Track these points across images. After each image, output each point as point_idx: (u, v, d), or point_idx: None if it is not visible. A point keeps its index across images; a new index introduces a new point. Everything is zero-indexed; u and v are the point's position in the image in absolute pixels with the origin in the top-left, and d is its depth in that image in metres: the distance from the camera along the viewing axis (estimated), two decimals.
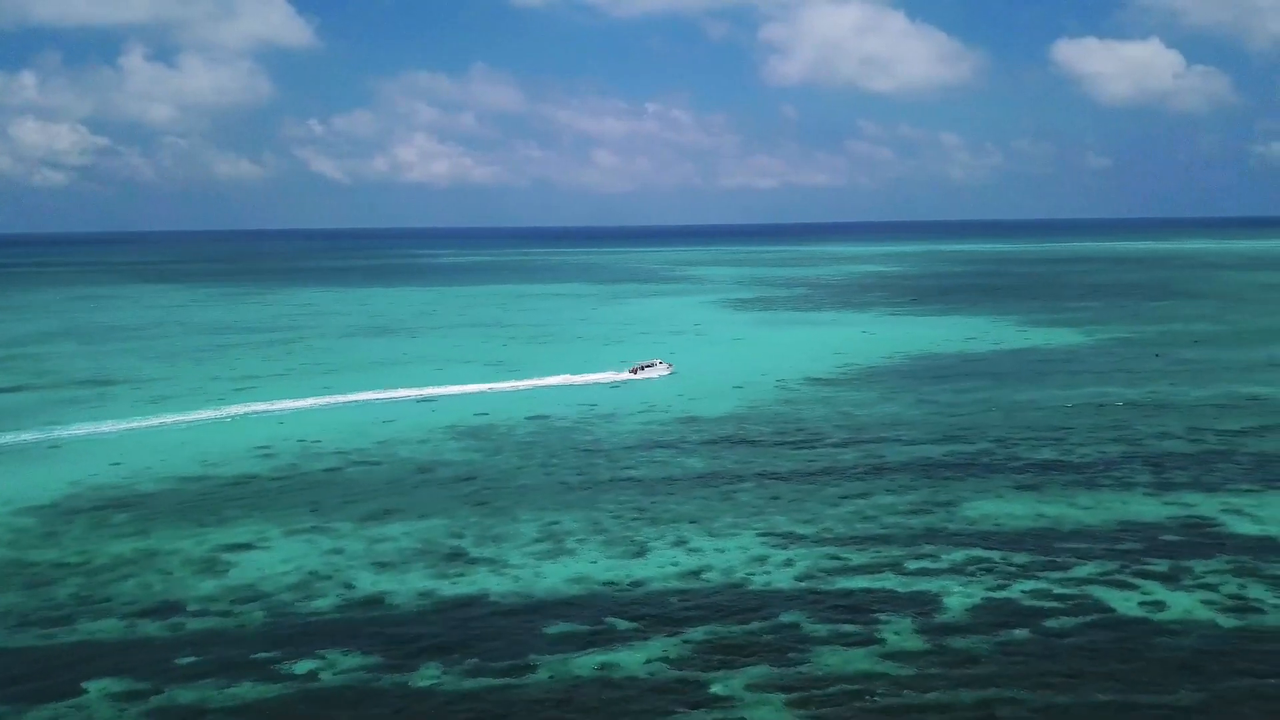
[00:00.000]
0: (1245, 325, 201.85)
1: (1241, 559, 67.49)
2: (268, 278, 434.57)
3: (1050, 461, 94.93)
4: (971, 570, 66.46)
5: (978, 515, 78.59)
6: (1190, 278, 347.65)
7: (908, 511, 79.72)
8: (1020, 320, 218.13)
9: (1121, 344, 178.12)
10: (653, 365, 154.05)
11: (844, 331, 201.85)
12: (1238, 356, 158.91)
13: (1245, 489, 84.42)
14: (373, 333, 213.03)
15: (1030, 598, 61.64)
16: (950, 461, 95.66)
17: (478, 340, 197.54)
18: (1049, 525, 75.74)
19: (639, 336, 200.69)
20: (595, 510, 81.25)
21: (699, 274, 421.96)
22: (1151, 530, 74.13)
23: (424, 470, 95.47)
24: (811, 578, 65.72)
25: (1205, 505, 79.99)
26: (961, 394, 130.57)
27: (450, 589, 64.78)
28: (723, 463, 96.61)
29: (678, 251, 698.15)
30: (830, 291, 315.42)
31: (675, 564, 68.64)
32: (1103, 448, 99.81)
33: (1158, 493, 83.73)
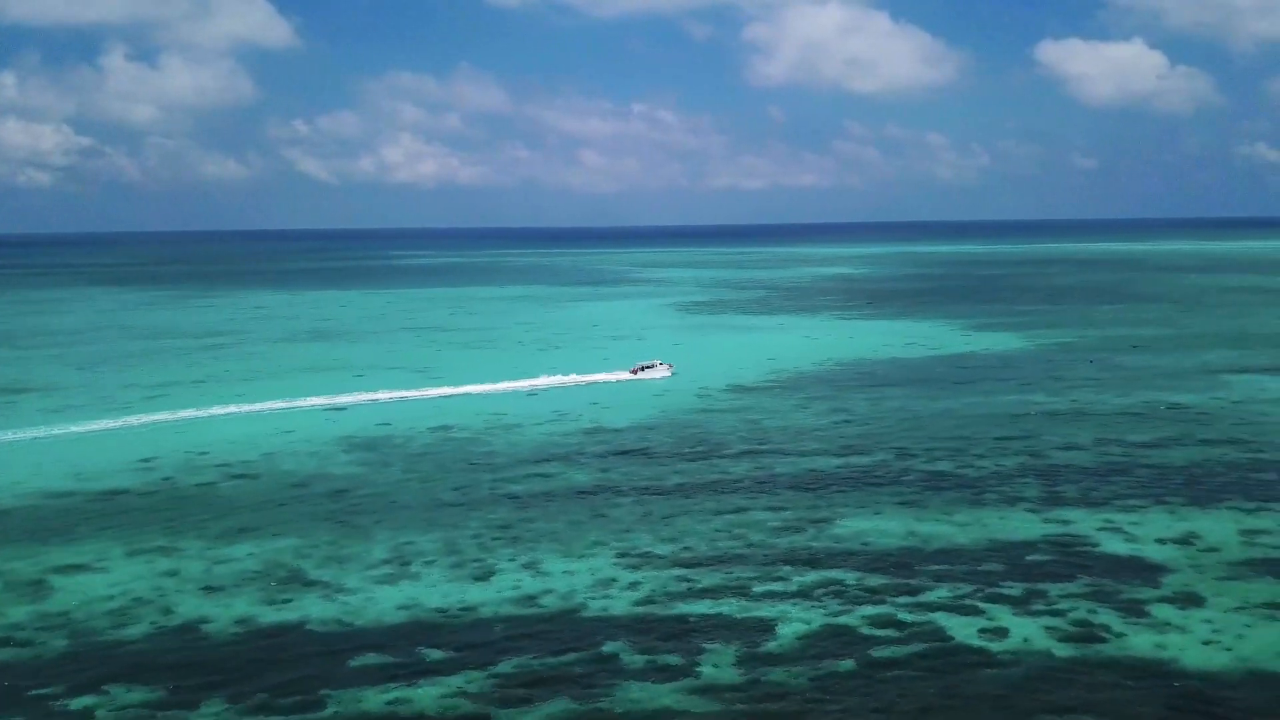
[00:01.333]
0: (1191, 330, 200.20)
1: (1101, 582, 65.14)
2: (230, 280, 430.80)
3: (942, 475, 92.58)
4: (819, 594, 63.98)
5: (848, 533, 76.15)
6: (1153, 280, 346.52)
7: (778, 529, 77.25)
8: (967, 325, 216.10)
9: (1061, 349, 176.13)
10: (653, 366, 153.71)
11: (785, 337, 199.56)
12: (1172, 363, 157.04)
13: (1131, 505, 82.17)
14: (312, 337, 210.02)
15: (869, 625, 59.16)
16: (841, 474, 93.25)
17: (414, 345, 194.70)
18: (917, 544, 73.32)
19: (579, 341, 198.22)
20: (458, 529, 78.60)
21: (665, 276, 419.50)
22: (1020, 550, 71.77)
23: (300, 485, 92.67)
24: (651, 602, 63.17)
25: (1085, 523, 77.68)
26: (879, 402, 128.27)
27: (271, 616, 62.04)
28: (610, 476, 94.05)
29: (654, 253, 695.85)
30: (789, 295, 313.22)
31: (516, 588, 66.01)
32: (1001, 460, 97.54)
33: (1040, 509, 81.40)
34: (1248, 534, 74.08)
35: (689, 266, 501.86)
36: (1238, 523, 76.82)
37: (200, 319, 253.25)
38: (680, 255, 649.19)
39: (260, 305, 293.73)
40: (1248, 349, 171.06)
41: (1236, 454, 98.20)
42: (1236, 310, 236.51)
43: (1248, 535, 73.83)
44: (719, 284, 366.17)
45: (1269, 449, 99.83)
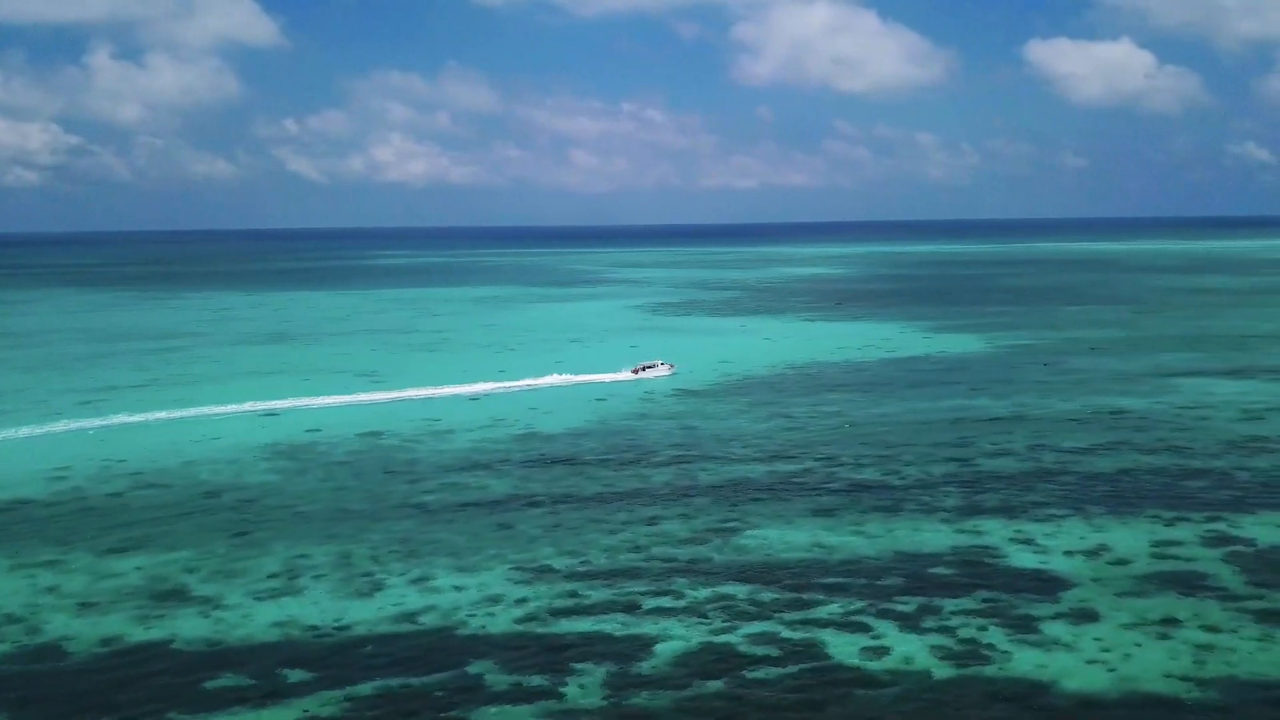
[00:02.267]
0: (1152, 332, 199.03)
1: (999, 597, 63.54)
2: (203, 280, 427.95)
3: (865, 483, 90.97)
4: (708, 610, 62.27)
5: (754, 544, 74.49)
6: (1128, 281, 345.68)
7: (683, 540, 75.56)
8: (930, 326, 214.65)
9: (1019, 352, 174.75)
10: (654, 366, 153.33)
11: (742, 339, 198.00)
12: (1125, 366, 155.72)
13: (1050, 514, 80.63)
14: (268, 340, 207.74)
15: (749, 643, 57.46)
16: (763, 482, 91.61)
17: (368, 348, 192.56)
18: (820, 557, 71.67)
19: (535, 344, 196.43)
20: (358, 541, 76.75)
21: (641, 276, 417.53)
22: (924, 563, 70.14)
23: (211, 495, 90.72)
24: (533, 620, 61.40)
25: (997, 533, 76.12)
26: (820, 406, 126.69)
27: (139, 635, 60.16)
28: (529, 485, 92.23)
29: (638, 252, 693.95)
30: (759, 296, 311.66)
31: (398, 605, 64.20)
32: (928, 467, 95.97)
33: (955, 519, 79.81)
34: (1159, 546, 72.57)
35: (667, 266, 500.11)
36: (1152, 534, 75.30)
37: (161, 321, 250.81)
38: (662, 255, 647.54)
39: (226, 307, 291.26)
40: (1204, 351, 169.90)
41: (1167, 461, 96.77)
42: (1202, 311, 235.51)
43: (1159, 547, 72.31)
44: (693, 284, 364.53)
45: (1200, 456, 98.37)
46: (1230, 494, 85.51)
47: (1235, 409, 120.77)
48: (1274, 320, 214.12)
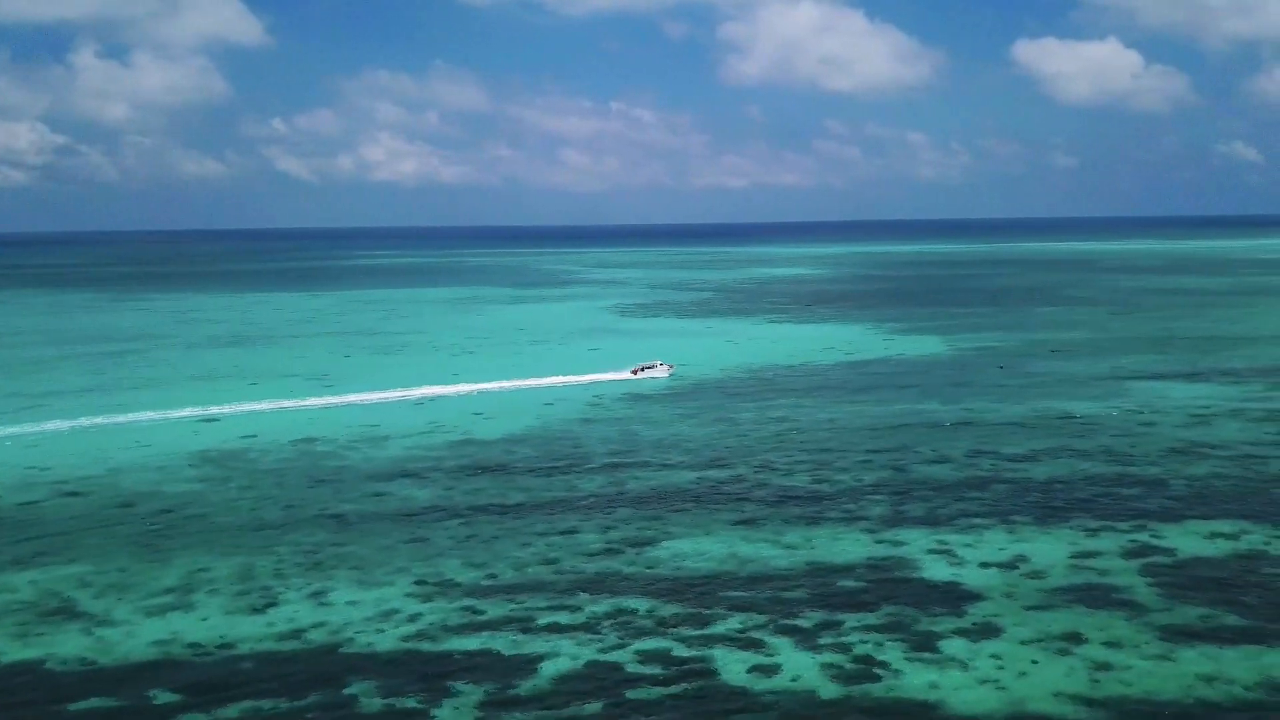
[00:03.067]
0: (1117, 333, 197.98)
1: (903, 611, 62.06)
2: (178, 281, 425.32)
3: (793, 491, 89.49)
4: (604, 626, 60.71)
5: (666, 556, 72.97)
6: (1103, 281, 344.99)
7: (596, 552, 74.01)
8: (896, 328, 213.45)
9: (978, 354, 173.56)
10: (654, 366, 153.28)
11: (706, 341, 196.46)
12: (1082, 369, 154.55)
13: (975, 524, 79.24)
14: (227, 343, 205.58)
15: (639, 661, 55.93)
16: (692, 490, 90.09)
17: (326, 351, 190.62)
18: (731, 568, 70.15)
19: (497, 347, 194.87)
20: (265, 553, 75.06)
21: (620, 276, 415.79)
22: (836, 575, 68.67)
23: (127, 505, 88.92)
24: (423, 637, 59.77)
25: (917, 543, 74.69)
26: (766, 411, 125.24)
27: (15, 654, 58.40)
28: (452, 494, 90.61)
29: (623, 252, 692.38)
30: (733, 297, 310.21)
31: (290, 621, 62.52)
32: (861, 474, 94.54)
33: (878, 528, 78.34)
34: (1078, 557, 71.19)
35: (648, 267, 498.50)
36: (1074, 545, 73.91)
37: (123, 323, 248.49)
38: (646, 255, 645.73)
39: (193, 309, 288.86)
40: (1165, 354, 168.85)
41: (1104, 468, 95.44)
42: (1172, 313, 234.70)
43: (1078, 559, 70.93)
44: (669, 285, 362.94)
45: (1138, 463, 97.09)
46: (1160, 503, 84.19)
47: (1184, 414, 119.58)
48: (1241, 322, 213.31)
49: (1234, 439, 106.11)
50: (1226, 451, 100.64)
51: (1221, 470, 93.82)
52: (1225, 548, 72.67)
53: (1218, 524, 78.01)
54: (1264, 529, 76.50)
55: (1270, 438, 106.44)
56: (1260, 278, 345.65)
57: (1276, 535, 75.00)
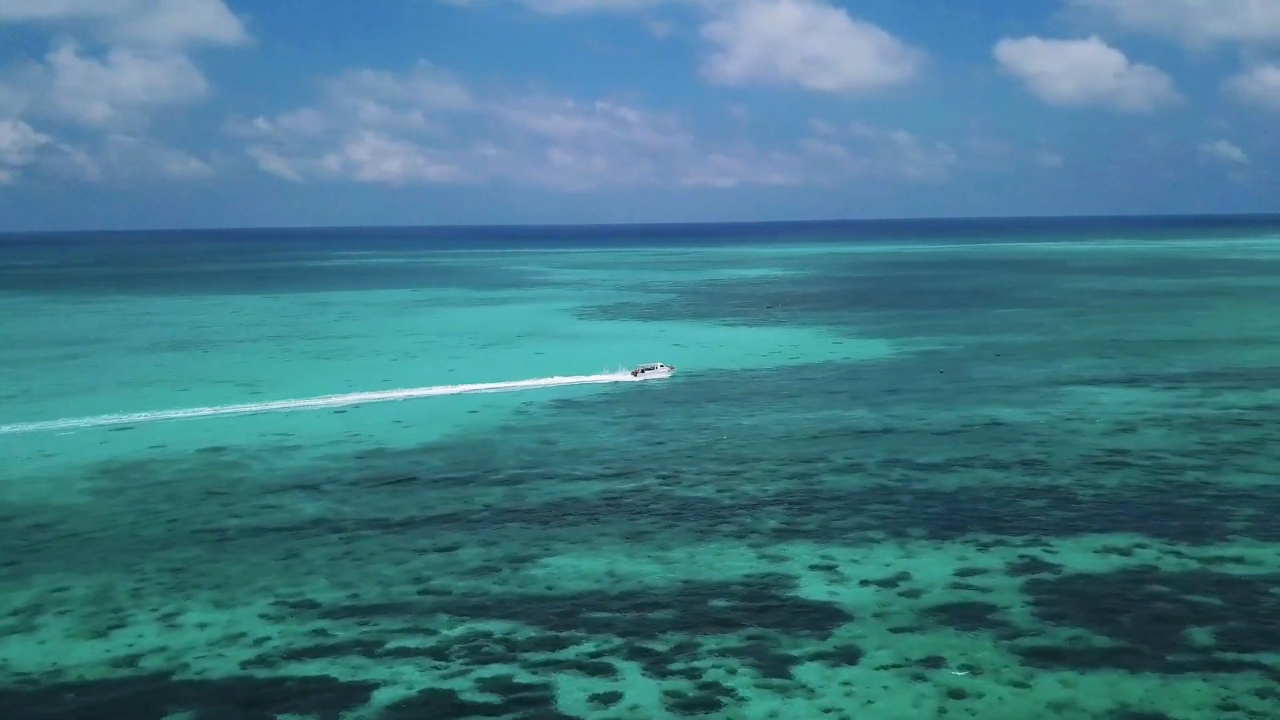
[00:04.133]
0: (1068, 336, 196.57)
1: (766, 634, 60.02)
2: (140, 283, 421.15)
3: (694, 502, 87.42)
4: (453, 650, 58.53)
5: (542, 575, 70.78)
6: (1068, 282, 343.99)
7: (471, 571, 71.82)
8: (847, 331, 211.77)
9: (923, 358, 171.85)
10: (654, 368, 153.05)
11: (653, 345, 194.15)
12: (1022, 373, 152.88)
13: (866, 538, 77.33)
14: (167, 347, 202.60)
15: (477, 689, 53.82)
16: (590, 503, 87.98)
17: (267, 355, 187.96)
18: (603, 588, 68.02)
19: (442, 350, 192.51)
20: (129, 572, 72.67)
21: (588, 277, 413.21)
22: (710, 593, 66.60)
23: (3, 519, 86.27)
24: (262, 663, 57.46)
25: (802, 559, 72.70)
26: (694, 418, 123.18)
27: None
28: (343, 508, 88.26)
29: (601, 253, 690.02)
30: (695, 298, 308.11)
31: (130, 646, 60.14)
32: (768, 485, 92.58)
33: (767, 543, 76.31)
34: (963, 574, 69.26)
35: (623, 268, 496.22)
36: (962, 560, 72.02)
37: (70, 327, 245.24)
38: (625, 255, 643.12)
39: (149, 311, 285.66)
40: (1111, 357, 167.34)
41: (1015, 478, 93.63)
42: (1130, 315, 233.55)
43: (962, 576, 69.01)
44: (636, 287, 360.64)
45: (1051, 472, 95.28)
46: (1062, 515, 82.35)
47: (1111, 420, 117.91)
48: (1194, 325, 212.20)
49: (1155, 447, 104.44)
50: (1143, 461, 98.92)
51: (1133, 480, 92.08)
52: (1115, 564, 70.81)
53: (1114, 538, 76.19)
54: (1159, 543, 74.70)
55: (1191, 446, 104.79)
56: (1226, 279, 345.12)
57: (1170, 550, 73.16)
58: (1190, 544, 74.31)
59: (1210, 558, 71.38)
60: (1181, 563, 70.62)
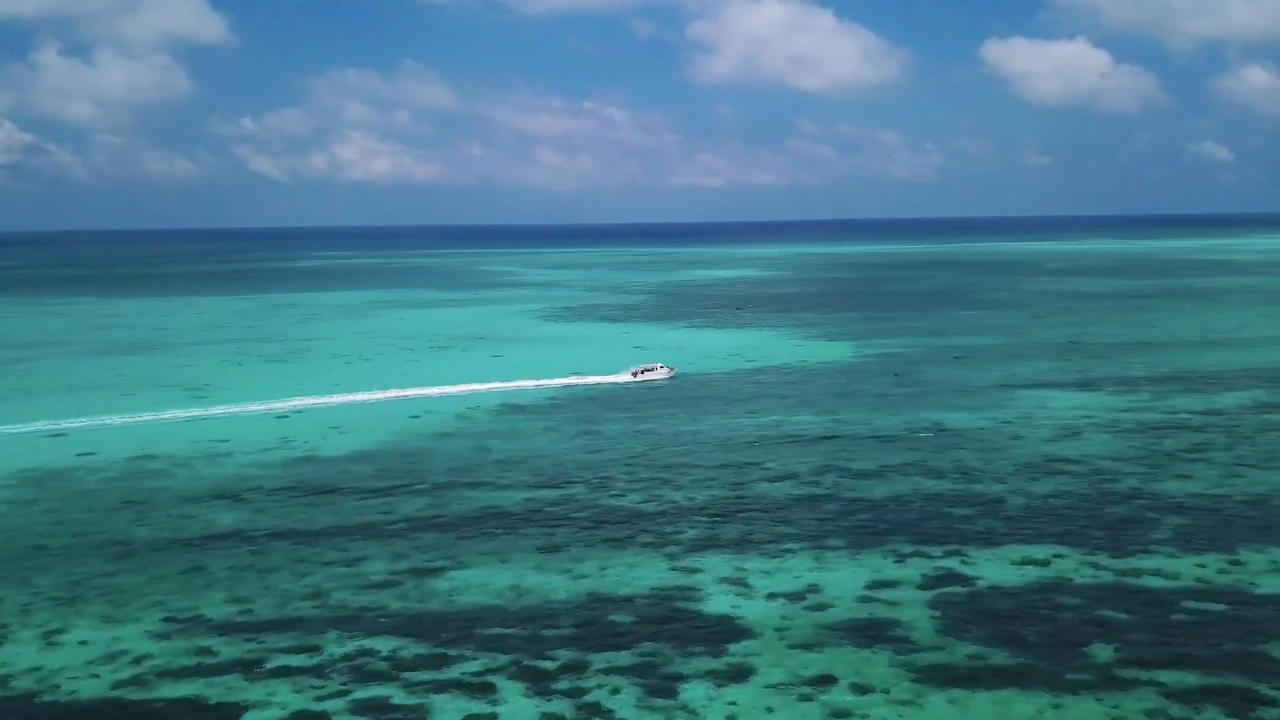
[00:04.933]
0: (1028, 338, 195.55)
1: (661, 651, 58.51)
2: (109, 284, 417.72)
3: (616, 511, 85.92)
4: (335, 670, 56.88)
5: (445, 589, 69.15)
6: (1039, 283, 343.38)
7: (373, 585, 70.14)
8: (810, 334, 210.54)
9: (879, 360, 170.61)
10: (654, 369, 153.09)
11: (610, 349, 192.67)
12: (977, 376, 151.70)
13: (785, 549, 75.89)
14: (122, 350, 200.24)
15: (350, 711, 52.26)
16: (510, 512, 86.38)
17: (217, 359, 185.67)
18: (504, 603, 66.41)
19: (395, 354, 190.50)
20: (24, 586, 70.87)
21: (562, 278, 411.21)
22: (613, 607, 65.08)
23: None
24: (136, 683, 55.71)
25: (714, 572, 71.25)
26: (636, 422, 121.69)
27: None
28: (260, 518, 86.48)
29: (582, 253, 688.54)
30: (667, 299, 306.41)
31: (5, 665, 58.29)
32: (696, 493, 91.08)
33: (682, 555, 74.86)
34: (874, 587, 67.84)
35: (600, 268, 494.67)
36: (878, 572, 70.60)
37: (29, 329, 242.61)
38: (605, 255, 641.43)
39: (112, 313, 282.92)
40: (1068, 360, 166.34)
41: (947, 486, 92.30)
42: (1093, 316, 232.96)
43: (874, 588, 67.60)
44: (609, 288, 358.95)
45: (985, 479, 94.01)
46: (988, 524, 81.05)
47: (1056, 425, 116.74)
48: (1158, 327, 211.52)
49: (1095, 453, 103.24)
50: (1080, 468, 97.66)
51: (1066, 488, 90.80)
52: (1030, 576, 69.45)
53: (1036, 549, 74.86)
54: (1079, 555, 73.37)
55: (1132, 452, 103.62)
56: (1199, 280, 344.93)
57: (1088, 562, 71.84)
58: (1111, 555, 73.00)
59: (1128, 570, 70.08)
60: (1097, 575, 69.28)
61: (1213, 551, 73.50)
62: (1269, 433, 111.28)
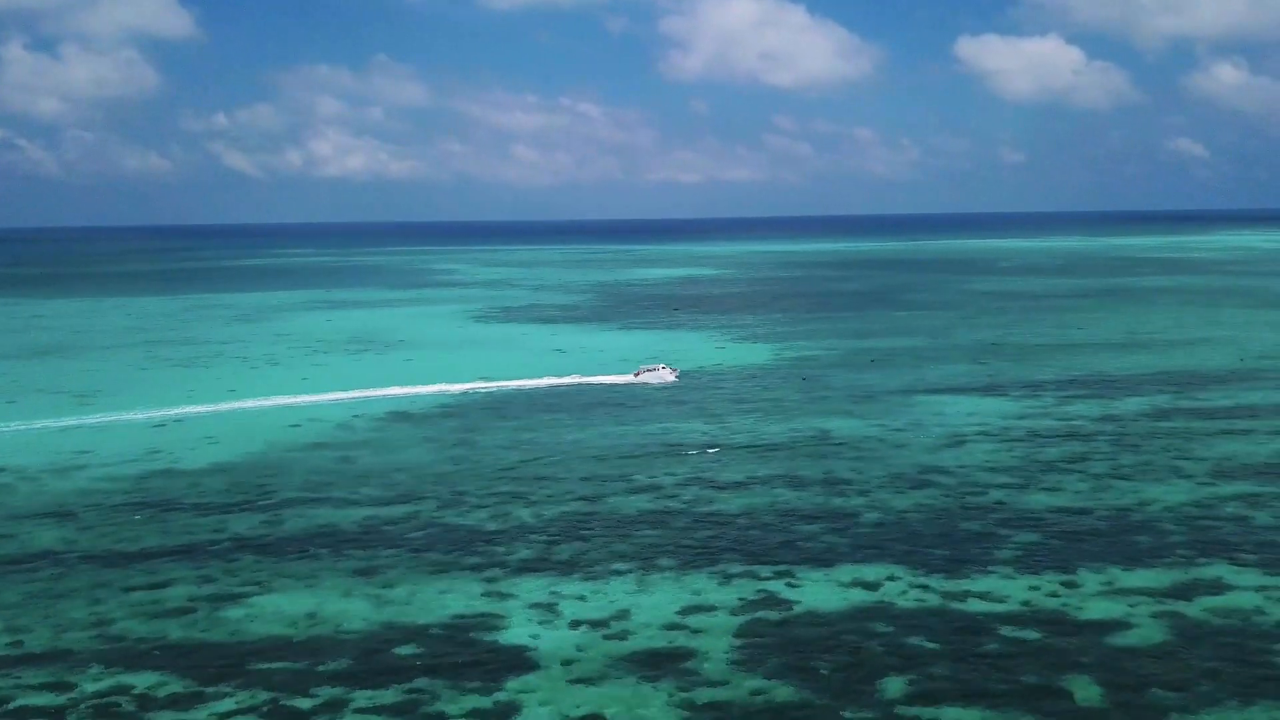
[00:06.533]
0: (952, 340, 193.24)
1: (431, 686, 55.36)
2: (44, 284, 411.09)
3: (455, 530, 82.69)
4: (84, 708, 53.50)
5: (238, 617, 65.80)
6: (983, 283, 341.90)
7: (167, 611, 66.86)
8: (735, 335, 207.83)
9: (794, 364, 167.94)
10: (655, 370, 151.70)
11: (526, 355, 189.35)
12: (882, 381, 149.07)
13: (612, 569, 73.03)
14: (28, 354, 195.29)
15: None
16: (344, 531, 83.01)
17: (118, 363, 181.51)
18: (292, 633, 63.11)
19: (305, 357, 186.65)
20: None
21: (513, 276, 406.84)
22: (404, 638, 61.83)
23: None
24: None
25: (527, 597, 68.19)
26: (519, 432, 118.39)
27: None
28: (82, 537, 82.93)
29: (545, 250, 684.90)
30: (607, 299, 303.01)
31: None
32: (545, 510, 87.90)
33: (502, 578, 71.78)
34: (688, 612, 64.97)
35: (555, 265, 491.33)
36: (697, 596, 67.73)
37: None
38: (566, 253, 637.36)
39: (37, 314, 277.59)
40: (980, 363, 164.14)
41: (808, 499, 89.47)
42: (1025, 317, 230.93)
43: (686, 613, 64.73)
44: (556, 286, 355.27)
45: (849, 492, 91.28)
46: (832, 541, 78.30)
47: (945, 432, 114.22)
48: (1087, 328, 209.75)
49: (973, 463, 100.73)
50: (950, 479, 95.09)
51: (928, 502, 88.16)
52: (854, 600, 66.63)
53: (872, 568, 72.12)
54: (914, 575, 70.61)
55: (1010, 462, 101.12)
56: (1149, 278, 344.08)
57: (919, 584, 69.05)
58: (945, 577, 70.24)
59: (955, 593, 67.31)
60: (922, 599, 66.47)
61: (1051, 571, 70.88)
62: (1155, 440, 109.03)
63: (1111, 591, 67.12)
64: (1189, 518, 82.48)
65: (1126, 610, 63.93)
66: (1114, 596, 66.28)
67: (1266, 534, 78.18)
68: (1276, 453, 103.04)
